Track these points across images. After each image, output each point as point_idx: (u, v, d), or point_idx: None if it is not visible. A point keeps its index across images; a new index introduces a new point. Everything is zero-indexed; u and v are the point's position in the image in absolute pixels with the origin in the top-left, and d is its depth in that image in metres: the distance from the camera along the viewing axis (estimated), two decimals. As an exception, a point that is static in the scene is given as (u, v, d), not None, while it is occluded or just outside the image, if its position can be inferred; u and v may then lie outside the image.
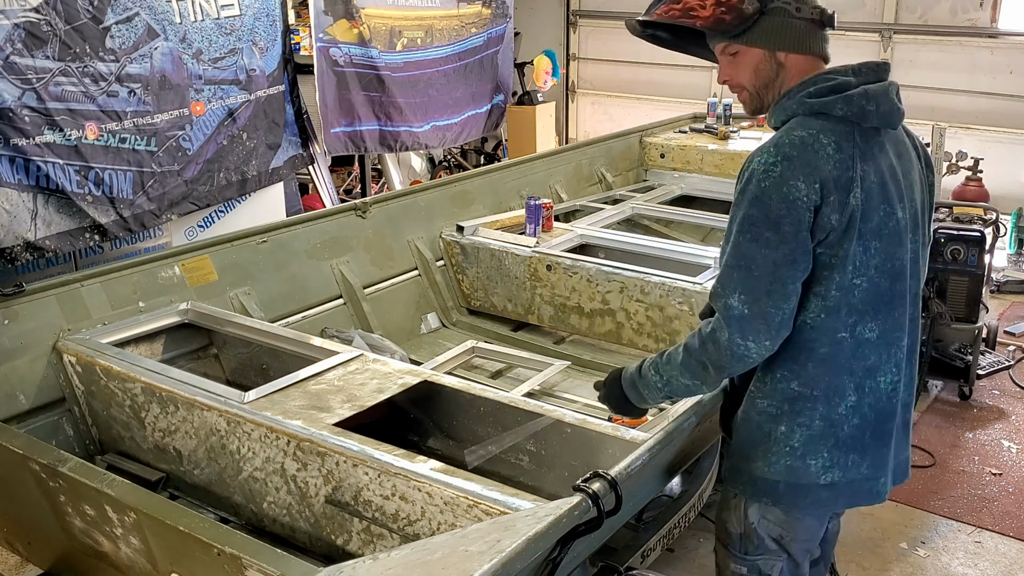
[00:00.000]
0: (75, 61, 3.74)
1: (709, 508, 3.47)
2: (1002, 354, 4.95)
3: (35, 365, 2.92)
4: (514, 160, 5.30)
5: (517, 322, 4.14)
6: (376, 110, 5.92)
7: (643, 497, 2.34)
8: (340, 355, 2.81)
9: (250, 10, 4.62)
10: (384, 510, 2.19)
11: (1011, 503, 3.68)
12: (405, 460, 2.17)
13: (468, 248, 4.18)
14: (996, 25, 7.48)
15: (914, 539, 3.46)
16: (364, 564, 1.70)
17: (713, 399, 2.31)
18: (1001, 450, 4.10)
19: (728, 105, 6.20)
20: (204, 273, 3.43)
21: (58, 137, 3.70)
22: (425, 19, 6.27)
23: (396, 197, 4.30)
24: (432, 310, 4.17)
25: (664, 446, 2.13)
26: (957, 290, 4.46)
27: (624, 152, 5.76)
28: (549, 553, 1.63)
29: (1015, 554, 3.37)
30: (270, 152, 4.91)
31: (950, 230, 4.49)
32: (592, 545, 2.07)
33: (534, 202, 4.19)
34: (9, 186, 3.55)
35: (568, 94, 9.79)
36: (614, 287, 3.73)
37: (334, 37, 5.54)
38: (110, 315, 3.13)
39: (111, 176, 3.97)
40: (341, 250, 3.91)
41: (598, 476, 1.79)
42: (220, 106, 4.51)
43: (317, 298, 3.77)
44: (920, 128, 6.88)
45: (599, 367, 3.78)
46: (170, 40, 4.17)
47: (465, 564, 1.50)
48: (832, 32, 2.08)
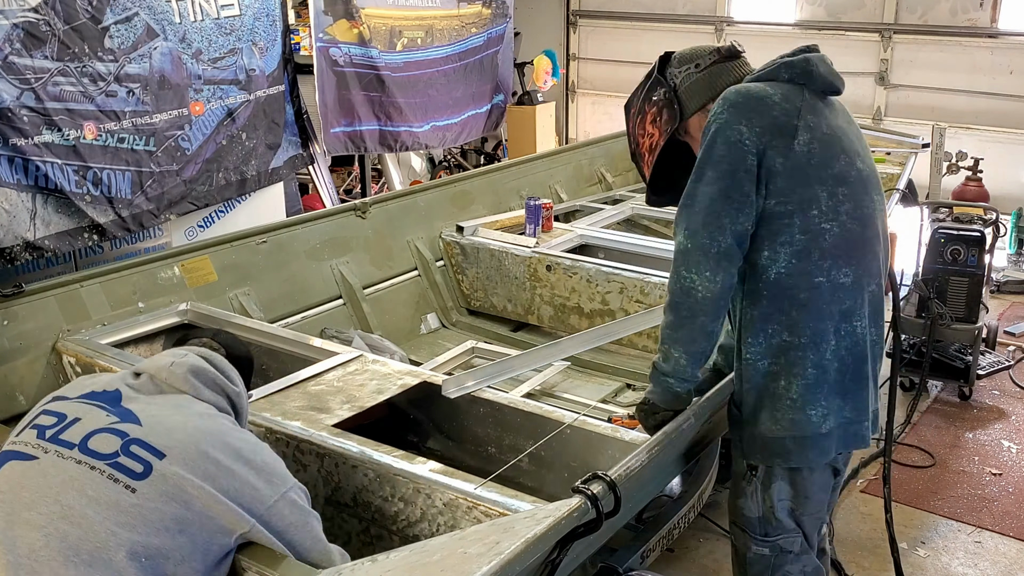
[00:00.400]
0: (74, 61, 3.73)
1: (709, 508, 3.47)
2: (1002, 354, 4.95)
3: (34, 366, 2.92)
4: (514, 160, 5.30)
5: (517, 322, 4.14)
6: (376, 110, 5.91)
7: (642, 498, 2.34)
8: (340, 356, 2.81)
9: (250, 10, 4.62)
10: (383, 511, 2.19)
11: (1011, 503, 3.68)
12: (404, 461, 2.17)
13: (468, 248, 4.18)
14: (996, 25, 7.48)
15: (914, 539, 3.45)
16: (363, 566, 1.70)
17: (712, 400, 2.31)
18: (1001, 450, 4.09)
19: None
20: (204, 274, 3.43)
21: (57, 137, 3.69)
22: (425, 19, 6.27)
23: (396, 197, 4.30)
24: (432, 310, 4.17)
25: (663, 447, 2.13)
26: (957, 290, 4.45)
27: (624, 152, 5.70)
28: (548, 555, 1.63)
29: (1015, 554, 3.37)
30: (270, 152, 4.91)
31: (950, 230, 4.48)
32: (591, 546, 2.07)
33: (534, 202, 4.19)
34: (8, 186, 3.55)
35: (568, 94, 9.78)
36: (614, 287, 3.73)
37: (334, 37, 5.54)
38: (109, 316, 3.13)
39: (110, 176, 3.96)
40: (341, 250, 3.91)
41: (597, 478, 1.79)
42: (219, 106, 4.50)
43: (316, 298, 3.77)
44: (920, 128, 6.92)
45: (599, 367, 3.78)
46: (169, 40, 4.16)
47: (464, 566, 1.50)
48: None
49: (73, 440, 1.72)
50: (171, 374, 1.90)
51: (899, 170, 4.93)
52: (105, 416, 1.76)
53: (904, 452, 4.03)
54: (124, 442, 1.70)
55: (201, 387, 1.90)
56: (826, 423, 2.12)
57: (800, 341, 2.09)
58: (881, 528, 3.50)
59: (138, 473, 1.66)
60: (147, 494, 1.64)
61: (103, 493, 1.63)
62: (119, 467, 1.66)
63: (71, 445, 1.70)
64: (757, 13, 8.58)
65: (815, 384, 2.10)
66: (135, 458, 1.67)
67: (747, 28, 8.54)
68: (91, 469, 1.66)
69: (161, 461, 1.67)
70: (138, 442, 1.70)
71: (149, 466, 1.67)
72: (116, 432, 1.72)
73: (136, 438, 1.70)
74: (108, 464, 1.67)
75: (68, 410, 1.80)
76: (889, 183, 4.81)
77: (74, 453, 1.69)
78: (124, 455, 1.68)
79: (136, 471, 1.66)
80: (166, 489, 1.65)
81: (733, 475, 2.33)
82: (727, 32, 8.62)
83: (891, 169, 5.01)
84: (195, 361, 1.95)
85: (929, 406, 4.50)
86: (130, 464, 1.67)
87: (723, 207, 2.01)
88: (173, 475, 1.66)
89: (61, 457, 1.69)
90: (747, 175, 2.01)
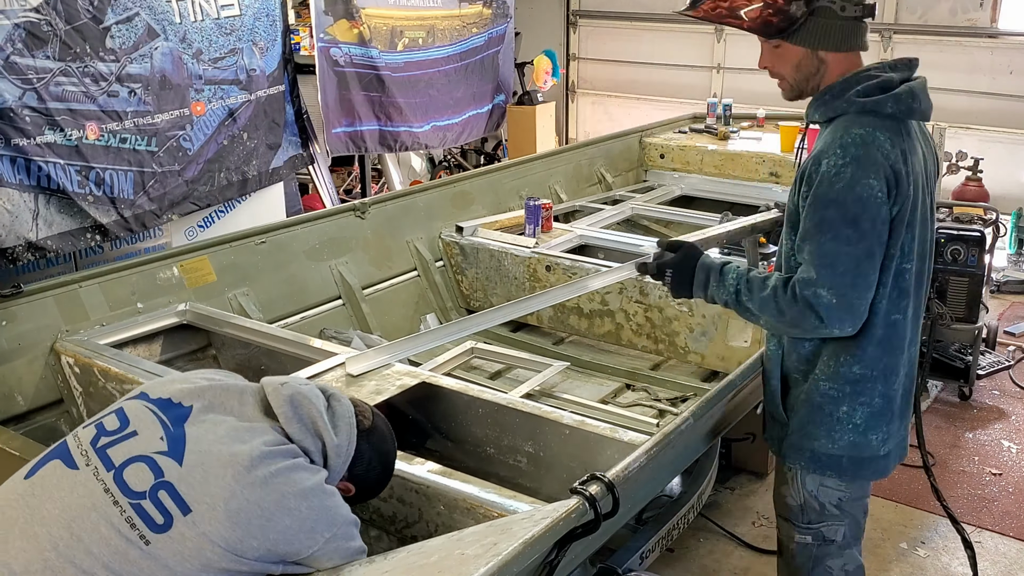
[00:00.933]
0: (75, 61, 3.74)
1: (709, 508, 3.47)
2: (1002, 354, 4.95)
3: (33, 366, 2.92)
4: (514, 160, 5.30)
5: (516, 323, 4.14)
6: (376, 110, 5.92)
7: (641, 499, 2.34)
8: (339, 356, 2.81)
9: (250, 10, 4.62)
10: (381, 512, 2.19)
11: (1011, 503, 3.68)
12: (403, 462, 2.17)
13: (467, 249, 4.18)
14: (996, 25, 7.47)
15: (914, 539, 3.45)
16: (360, 567, 1.70)
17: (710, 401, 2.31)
18: (1001, 450, 4.09)
19: (728, 106, 6.20)
20: (203, 274, 3.43)
21: (59, 137, 3.70)
22: (426, 19, 6.27)
23: (395, 198, 4.30)
24: (431, 311, 4.17)
25: (662, 448, 2.13)
26: (957, 290, 4.45)
27: (624, 152, 5.76)
28: (546, 556, 1.63)
29: (1015, 554, 3.37)
30: (270, 152, 4.91)
31: (950, 230, 4.48)
32: (590, 547, 2.07)
33: (533, 202, 4.19)
34: (11, 186, 3.56)
35: (568, 94, 9.78)
36: (613, 288, 3.73)
37: (334, 37, 5.54)
38: (108, 316, 3.13)
39: (112, 176, 3.97)
40: (340, 251, 3.91)
41: (595, 479, 1.79)
42: (220, 106, 4.51)
43: (316, 299, 3.77)
44: (920, 128, 6.88)
45: (598, 368, 3.78)
46: (170, 40, 4.17)
47: (462, 567, 1.50)
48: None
49: (115, 461, 1.65)
50: (276, 392, 1.80)
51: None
52: (159, 439, 1.68)
53: (904, 452, 4.03)
54: (155, 483, 1.62)
55: (291, 418, 1.76)
56: (885, 446, 2.19)
57: (872, 374, 2.13)
58: (881, 528, 3.50)
59: (158, 524, 1.59)
60: (159, 550, 1.57)
61: (116, 536, 1.58)
62: (140, 512, 1.59)
63: (110, 466, 1.64)
64: (758, 13, 8.56)
65: (880, 413, 2.16)
66: (159, 507, 1.60)
67: (747, 28, 8.52)
68: (114, 504, 1.60)
69: (185, 517, 1.59)
70: (168, 487, 1.61)
71: (170, 520, 1.59)
72: (154, 466, 1.64)
73: (167, 482, 1.62)
74: (131, 504, 1.60)
75: (134, 417, 1.73)
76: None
77: (107, 477, 1.63)
78: (150, 499, 1.60)
79: (156, 522, 1.59)
80: (181, 549, 1.58)
81: (775, 468, 2.37)
82: (727, 32, 8.62)
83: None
84: (308, 391, 1.83)
85: (929, 406, 4.50)
86: (152, 512, 1.59)
87: (868, 265, 2.00)
88: (193, 537, 1.58)
89: (95, 476, 1.64)
90: (884, 227, 2.01)
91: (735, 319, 3.49)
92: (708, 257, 2.26)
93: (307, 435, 1.77)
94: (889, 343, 2.11)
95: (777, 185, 5.28)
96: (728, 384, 2.49)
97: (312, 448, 1.77)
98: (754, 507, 3.63)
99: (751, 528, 3.50)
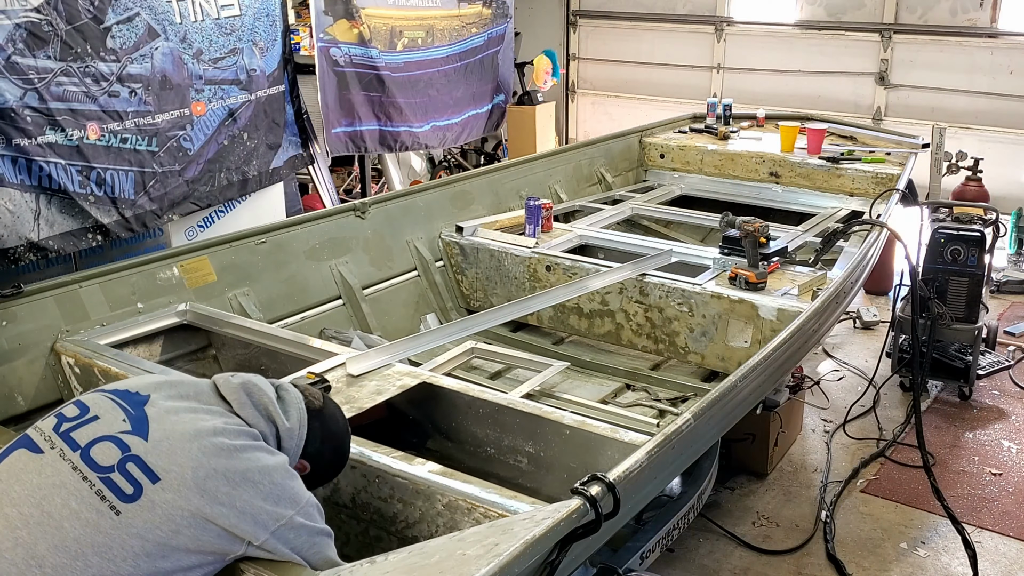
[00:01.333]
0: (76, 61, 3.74)
1: (709, 508, 3.47)
2: (1002, 354, 4.95)
3: (33, 366, 2.92)
4: (514, 160, 5.30)
5: (516, 323, 4.14)
6: (376, 110, 5.92)
7: (642, 499, 2.34)
8: (339, 356, 2.81)
9: (250, 10, 4.62)
10: (382, 513, 2.19)
11: (1011, 503, 3.68)
12: (403, 462, 2.17)
13: (467, 248, 4.18)
14: (996, 25, 7.48)
15: (914, 539, 3.46)
16: (361, 568, 1.70)
17: (711, 402, 2.31)
18: (1001, 450, 4.10)
19: (728, 105, 6.19)
20: (203, 274, 3.43)
21: (60, 137, 3.70)
22: (426, 19, 6.27)
23: (395, 197, 4.30)
24: (431, 311, 4.17)
25: (663, 449, 2.13)
26: (957, 290, 4.46)
27: (624, 152, 5.76)
28: (547, 556, 1.63)
29: (1015, 554, 3.37)
30: (270, 152, 4.91)
31: (950, 230, 4.49)
32: (591, 547, 2.07)
33: (533, 202, 4.19)
34: (12, 186, 3.56)
35: (568, 94, 9.78)
36: (613, 288, 3.73)
37: (334, 37, 5.54)
38: (108, 316, 3.13)
39: (113, 176, 3.97)
40: (340, 251, 3.91)
41: (596, 479, 1.79)
42: (221, 106, 4.51)
43: (316, 299, 3.77)
44: (920, 128, 6.92)
45: (598, 368, 3.79)
46: (170, 40, 4.17)
47: (463, 568, 1.51)
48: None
49: (80, 442, 1.69)
50: (227, 382, 1.87)
51: (899, 170, 4.94)
52: (121, 421, 1.72)
53: (904, 452, 4.03)
54: (122, 457, 1.66)
55: (245, 403, 1.83)
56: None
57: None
58: (881, 528, 3.50)
59: (127, 495, 1.61)
60: (130, 519, 1.60)
61: (86, 509, 1.60)
62: (110, 484, 1.62)
63: (76, 447, 1.68)
64: (757, 13, 8.56)
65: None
66: (128, 477, 1.63)
67: (747, 28, 8.53)
68: (83, 480, 1.63)
69: (154, 485, 1.63)
70: (136, 460, 1.65)
71: (140, 489, 1.62)
72: (119, 443, 1.68)
73: (135, 455, 1.66)
74: (100, 478, 1.63)
75: (93, 405, 1.77)
76: (889, 183, 4.81)
77: (74, 457, 1.67)
78: (118, 471, 1.64)
79: (126, 492, 1.62)
80: (151, 517, 1.60)
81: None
82: (727, 32, 8.62)
83: (891, 169, 5.01)
84: (258, 380, 1.89)
85: (929, 406, 4.50)
86: (121, 483, 1.63)
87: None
88: (163, 503, 1.61)
89: (62, 457, 1.67)
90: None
91: (735, 319, 3.49)
92: None
93: (260, 419, 1.84)
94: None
95: (777, 185, 5.29)
96: (728, 384, 2.49)
97: (267, 432, 1.84)
98: (754, 507, 3.63)
99: (751, 528, 3.51)
